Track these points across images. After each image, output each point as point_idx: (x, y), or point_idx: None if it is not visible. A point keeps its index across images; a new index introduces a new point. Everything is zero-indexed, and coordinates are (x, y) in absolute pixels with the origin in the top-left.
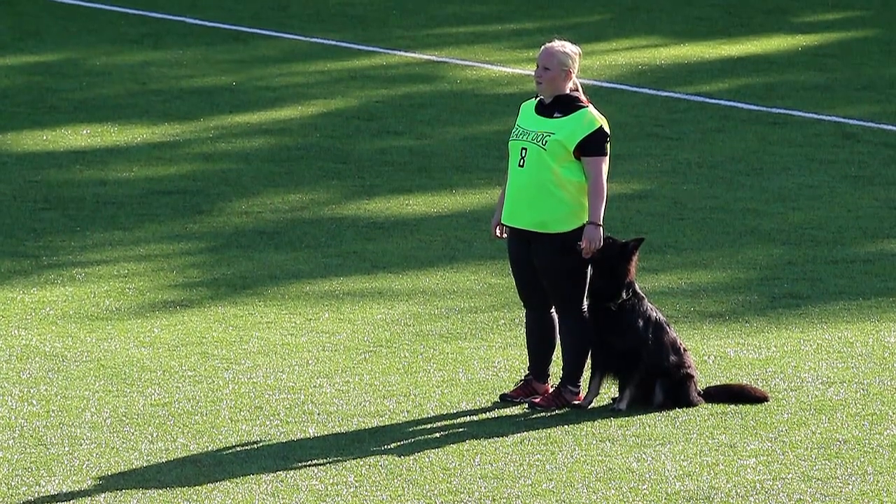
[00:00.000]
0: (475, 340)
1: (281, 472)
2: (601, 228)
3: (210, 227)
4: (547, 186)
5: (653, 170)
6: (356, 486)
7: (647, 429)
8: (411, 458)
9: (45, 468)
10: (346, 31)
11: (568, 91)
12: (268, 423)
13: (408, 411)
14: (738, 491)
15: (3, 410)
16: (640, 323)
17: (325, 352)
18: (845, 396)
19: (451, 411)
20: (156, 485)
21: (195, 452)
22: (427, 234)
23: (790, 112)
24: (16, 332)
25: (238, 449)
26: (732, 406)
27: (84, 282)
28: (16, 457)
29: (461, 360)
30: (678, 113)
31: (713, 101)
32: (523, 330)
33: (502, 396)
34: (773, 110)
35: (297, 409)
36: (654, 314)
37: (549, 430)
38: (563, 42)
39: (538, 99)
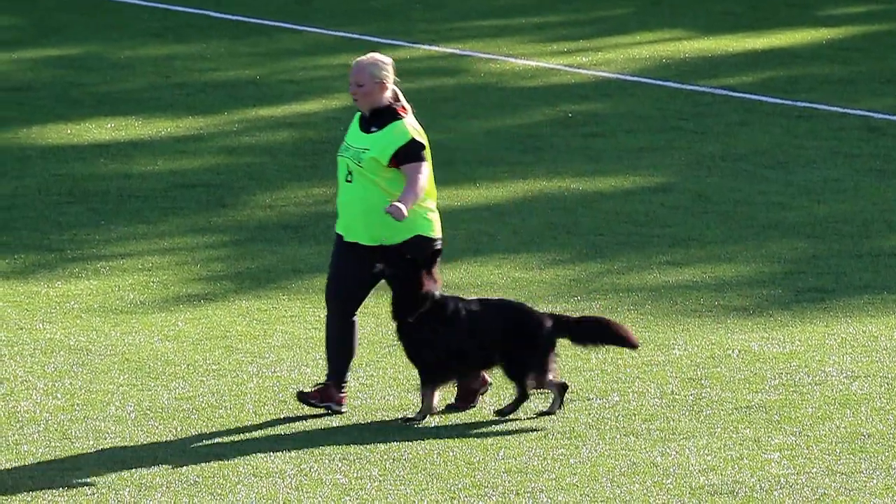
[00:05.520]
0: None
1: (305, 467)
2: (401, 208)
3: (234, 221)
4: (374, 201)
5: (677, 163)
6: (380, 480)
7: (671, 423)
8: (435, 452)
9: (70, 462)
10: (369, 25)
11: (386, 102)
12: (291, 416)
13: None
14: (763, 485)
15: (28, 404)
16: (435, 335)
17: None
18: (870, 391)
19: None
20: (180, 479)
21: (219, 447)
22: (450, 228)
23: (815, 105)
24: (41, 325)
25: (262, 443)
26: (757, 401)
27: (108, 275)
28: (41, 450)
29: None
30: (702, 106)
31: (737, 94)
32: None
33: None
34: (798, 104)
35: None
36: (456, 325)
37: (572, 425)
38: (373, 54)
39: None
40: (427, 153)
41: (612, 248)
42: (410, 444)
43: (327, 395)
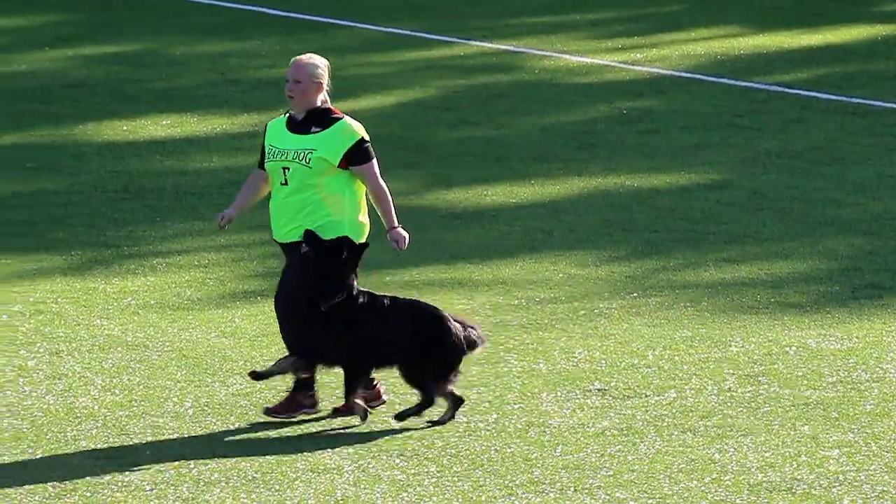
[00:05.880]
0: (555, 331)
1: (363, 463)
2: (401, 228)
3: None
4: (312, 201)
5: (732, 160)
6: (437, 477)
7: (729, 420)
8: (492, 448)
9: (129, 458)
10: (423, 21)
11: (319, 103)
12: (348, 414)
13: (489, 402)
14: (821, 482)
15: (87, 400)
16: (345, 327)
17: None
18: None
19: (532, 401)
20: (238, 474)
21: (277, 443)
22: (506, 225)
23: (870, 102)
24: (98, 321)
25: (319, 439)
26: (815, 397)
27: (165, 272)
28: (99, 446)
29: (541, 351)
30: (757, 103)
31: (792, 90)
32: (602, 320)
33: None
34: (853, 100)
35: (378, 400)
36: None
37: (629, 422)
38: (311, 55)
39: (287, 116)
40: (372, 150)
41: (668, 244)
42: (468, 440)
43: (295, 404)
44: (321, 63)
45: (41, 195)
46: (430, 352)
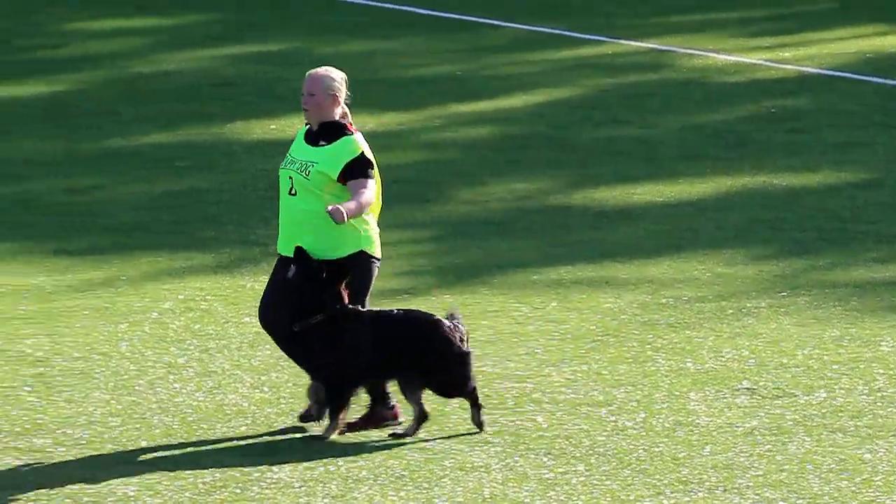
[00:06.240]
0: (703, 330)
1: (510, 462)
2: (343, 212)
3: (436, 216)
4: (320, 214)
5: (882, 159)
6: (585, 476)
7: (880, 420)
8: (641, 447)
9: (277, 454)
10: (570, 20)
11: (336, 118)
12: (496, 411)
13: (636, 401)
14: None
15: (235, 397)
16: (323, 346)
17: (552, 340)
18: None
19: (680, 401)
20: (386, 472)
21: (425, 441)
22: (653, 223)
23: None
24: (247, 319)
25: (467, 437)
26: None
27: None
28: (249, 443)
29: (689, 350)
30: None
31: None
32: (751, 319)
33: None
34: None
35: (525, 398)
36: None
37: (778, 422)
38: (328, 68)
39: (308, 126)
40: (375, 172)
41: (817, 243)
42: (616, 439)
43: (377, 418)
44: (337, 76)
45: (191, 194)
46: (436, 360)
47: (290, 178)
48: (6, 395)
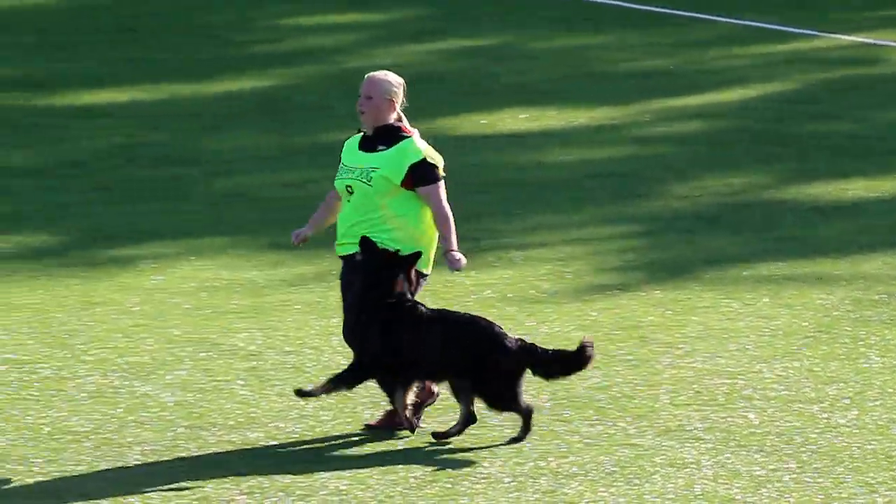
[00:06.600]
0: None
1: (721, 458)
2: (457, 252)
3: (647, 211)
4: (377, 223)
5: None
6: (797, 473)
7: None
8: (853, 445)
9: (488, 450)
10: (783, 14)
11: (391, 121)
12: (706, 408)
13: (849, 398)
14: None
15: (444, 392)
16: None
17: (763, 337)
18: None
19: (893, 398)
20: (596, 467)
21: (634, 436)
22: (867, 219)
23: None
24: None
25: (677, 433)
26: None
27: (522, 265)
28: (459, 438)
29: None
30: None
31: None
32: None
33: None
34: None
35: (735, 395)
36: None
37: None
38: (386, 72)
39: (362, 134)
40: (441, 172)
41: None
42: (828, 436)
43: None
44: (395, 80)
45: None
46: (488, 368)
47: (348, 187)
48: (220, 389)
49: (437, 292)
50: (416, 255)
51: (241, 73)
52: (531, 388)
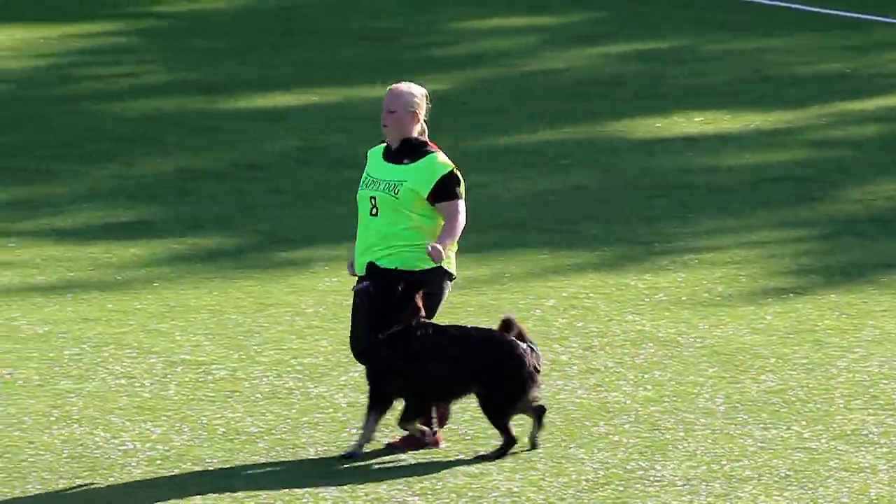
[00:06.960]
0: None
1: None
2: (442, 250)
3: (822, 215)
4: (403, 234)
5: None
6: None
7: None
8: None
9: (660, 452)
10: None
11: (415, 134)
12: (882, 412)
13: None
14: None
15: (619, 395)
16: (404, 360)
17: None
18: None
19: None
20: (770, 471)
21: (809, 441)
22: None
23: None
24: (630, 317)
25: (852, 437)
26: None
27: (696, 268)
28: (631, 440)
29: None
30: None
31: None
32: None
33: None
34: None
35: None
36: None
37: None
38: (409, 84)
39: (385, 145)
40: (462, 190)
41: None
42: None
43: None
44: (418, 92)
45: (575, 191)
46: (500, 384)
47: (373, 198)
48: None
49: (610, 295)
50: (424, 282)
51: (415, 75)
52: (705, 392)
